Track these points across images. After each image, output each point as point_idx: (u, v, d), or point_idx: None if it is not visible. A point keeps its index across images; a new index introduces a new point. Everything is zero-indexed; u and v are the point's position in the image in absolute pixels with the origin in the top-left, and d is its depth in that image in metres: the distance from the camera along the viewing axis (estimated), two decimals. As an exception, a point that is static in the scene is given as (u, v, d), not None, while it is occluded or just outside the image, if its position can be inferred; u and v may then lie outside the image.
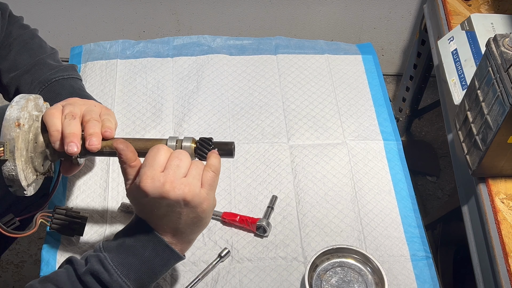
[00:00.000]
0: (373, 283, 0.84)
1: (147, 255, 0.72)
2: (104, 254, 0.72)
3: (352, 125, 1.07)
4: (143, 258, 0.72)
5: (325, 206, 0.96)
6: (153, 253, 0.72)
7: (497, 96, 0.84)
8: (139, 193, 0.71)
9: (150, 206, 0.71)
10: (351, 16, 1.91)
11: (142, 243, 0.72)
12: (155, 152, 0.72)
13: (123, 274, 0.71)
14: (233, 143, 0.79)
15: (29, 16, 1.86)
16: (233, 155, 0.79)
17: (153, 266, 0.73)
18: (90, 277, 0.70)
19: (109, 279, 0.70)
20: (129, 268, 0.71)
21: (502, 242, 0.90)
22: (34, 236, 1.72)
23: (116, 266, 0.71)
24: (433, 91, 2.06)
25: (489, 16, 1.18)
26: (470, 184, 1.02)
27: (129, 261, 0.72)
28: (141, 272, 0.72)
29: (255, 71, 1.16)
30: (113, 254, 0.72)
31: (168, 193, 0.69)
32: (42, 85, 0.94)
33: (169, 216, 0.71)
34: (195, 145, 0.78)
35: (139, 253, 0.72)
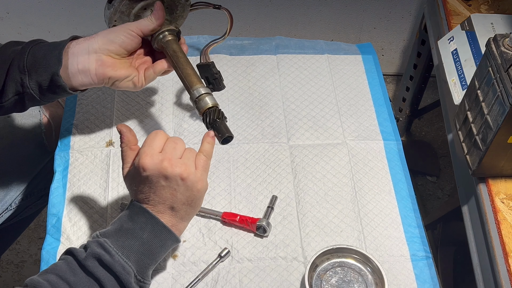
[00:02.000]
0: (373, 283, 0.84)
1: (145, 237, 0.75)
2: (103, 239, 0.74)
3: (352, 125, 1.07)
4: (142, 240, 0.75)
5: (325, 206, 0.96)
6: (151, 235, 0.75)
7: (497, 96, 0.84)
8: (138, 171, 0.75)
9: (148, 184, 0.75)
10: (351, 16, 1.91)
11: (140, 225, 0.75)
12: (154, 136, 0.78)
13: (124, 255, 0.73)
14: (230, 137, 0.83)
15: (29, 16, 1.86)
16: (222, 143, 0.84)
17: (151, 247, 0.75)
18: (91, 260, 0.72)
19: (111, 260, 0.72)
20: (129, 249, 0.74)
21: (502, 242, 0.90)
22: (34, 236, 1.72)
23: (116, 248, 0.73)
24: (433, 91, 2.06)
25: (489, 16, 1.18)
26: (470, 184, 1.02)
27: (128, 243, 0.74)
28: (141, 254, 0.74)
29: (255, 71, 1.16)
30: (112, 239, 0.74)
31: (166, 169, 0.74)
32: (30, 44, 0.87)
33: (166, 193, 0.75)
34: (207, 109, 0.84)
35: (138, 235, 0.75)
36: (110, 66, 0.87)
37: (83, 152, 1.01)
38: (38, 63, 0.84)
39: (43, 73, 0.85)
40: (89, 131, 1.04)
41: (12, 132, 1.09)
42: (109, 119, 1.06)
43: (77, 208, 0.94)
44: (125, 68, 0.89)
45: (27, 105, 0.89)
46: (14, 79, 0.85)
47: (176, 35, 0.93)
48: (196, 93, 0.86)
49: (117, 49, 0.87)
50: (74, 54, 0.85)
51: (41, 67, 0.84)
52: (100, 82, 0.88)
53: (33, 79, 0.85)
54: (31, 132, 1.10)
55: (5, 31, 1.90)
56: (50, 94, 0.87)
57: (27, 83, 0.85)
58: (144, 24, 0.89)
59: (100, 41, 0.86)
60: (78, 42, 0.86)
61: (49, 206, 0.94)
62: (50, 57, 0.84)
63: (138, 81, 0.91)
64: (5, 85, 0.86)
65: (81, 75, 0.86)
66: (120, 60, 0.89)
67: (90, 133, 1.04)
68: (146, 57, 0.94)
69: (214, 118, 0.83)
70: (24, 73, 0.84)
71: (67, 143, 1.02)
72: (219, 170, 1.00)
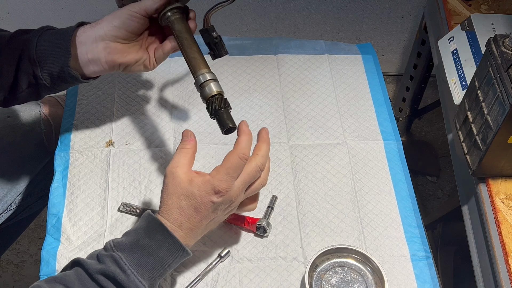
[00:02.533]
0: (373, 283, 0.84)
1: (161, 255, 0.73)
2: (118, 253, 0.72)
3: (352, 125, 1.07)
4: (157, 258, 0.73)
5: (325, 206, 0.96)
6: (167, 253, 0.74)
7: (497, 96, 0.84)
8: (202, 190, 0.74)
9: (194, 207, 0.74)
10: (351, 16, 1.91)
11: (157, 243, 0.73)
12: (255, 173, 0.77)
13: (138, 273, 0.71)
14: (233, 128, 0.80)
15: (29, 16, 1.86)
16: (224, 133, 0.81)
17: (165, 264, 0.74)
18: (103, 277, 0.70)
19: (126, 280, 0.70)
20: (144, 267, 0.72)
21: (502, 242, 0.90)
22: (34, 236, 1.72)
23: (131, 266, 0.71)
24: (433, 91, 2.06)
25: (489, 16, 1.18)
26: (470, 184, 1.02)
27: (144, 261, 0.72)
28: (155, 271, 0.73)
29: (255, 71, 1.16)
30: (127, 254, 0.72)
31: (232, 204, 0.76)
32: (37, 32, 0.86)
33: (197, 219, 0.75)
34: (211, 96, 0.81)
35: (154, 253, 0.73)
36: (119, 52, 0.85)
37: (83, 152, 1.01)
38: (48, 54, 0.83)
39: (54, 64, 0.84)
40: (89, 131, 1.04)
41: (12, 132, 1.09)
42: (109, 119, 1.06)
43: (77, 208, 0.94)
44: (135, 52, 0.87)
45: (42, 94, 0.89)
46: (26, 71, 0.84)
47: (183, 12, 0.88)
48: (201, 79, 0.81)
49: (123, 34, 0.85)
50: (82, 43, 0.84)
51: (51, 58, 0.83)
52: (111, 69, 0.86)
53: (45, 70, 0.84)
54: (31, 132, 1.10)
55: (5, 31, 1.90)
56: (63, 84, 0.87)
57: (39, 75, 0.84)
58: (147, 4, 0.85)
59: (106, 28, 0.84)
60: (84, 30, 0.85)
61: (49, 206, 0.94)
62: (59, 48, 0.83)
63: (149, 63, 0.89)
64: (17, 78, 0.85)
65: (92, 64, 0.85)
66: (129, 44, 0.86)
67: (90, 133, 1.04)
68: (154, 37, 0.91)
69: (218, 106, 0.79)
70: (36, 65, 0.84)
71: (67, 143, 1.02)
72: (219, 170, 0.99)
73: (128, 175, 0.98)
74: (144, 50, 0.89)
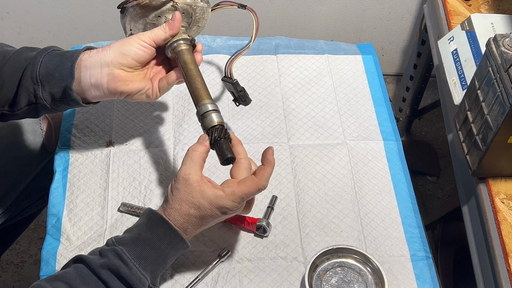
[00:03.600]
0: (373, 283, 0.84)
1: (163, 248, 0.75)
2: (120, 247, 0.73)
3: (352, 125, 1.07)
4: (159, 251, 0.75)
5: (325, 206, 0.96)
6: (168, 246, 0.76)
7: (497, 96, 0.84)
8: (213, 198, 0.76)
9: (208, 218, 0.77)
10: (351, 16, 1.91)
11: (159, 236, 0.75)
12: (257, 193, 0.79)
13: (141, 266, 0.73)
14: (232, 159, 0.81)
15: (29, 16, 1.86)
16: (223, 164, 0.82)
17: (166, 257, 0.76)
18: (107, 271, 0.72)
19: (128, 273, 0.72)
20: (146, 260, 0.74)
21: (502, 242, 0.90)
22: (34, 236, 1.72)
23: (134, 259, 0.73)
24: (433, 91, 2.06)
25: (489, 16, 1.18)
26: (470, 184, 1.02)
27: (146, 254, 0.74)
28: (156, 264, 0.75)
29: (255, 71, 1.16)
30: (128, 248, 0.73)
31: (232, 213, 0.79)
32: (43, 52, 0.85)
33: (207, 222, 0.79)
34: (211, 127, 0.82)
35: (156, 246, 0.75)
36: (122, 80, 0.84)
37: (83, 152, 1.01)
38: (51, 74, 0.83)
39: (56, 85, 0.84)
40: (89, 131, 1.04)
41: (12, 132, 1.09)
42: (109, 119, 1.06)
43: (77, 208, 0.94)
44: (138, 81, 0.86)
45: (40, 113, 0.88)
46: (26, 89, 0.84)
47: (191, 44, 0.89)
48: (203, 109, 0.82)
49: (129, 62, 0.84)
50: (87, 67, 0.83)
51: (54, 79, 0.83)
52: (112, 96, 0.86)
53: (46, 90, 0.84)
54: (31, 132, 1.10)
55: (5, 31, 1.90)
56: (63, 105, 0.86)
57: (40, 94, 0.84)
58: (156, 34, 0.85)
59: (112, 54, 0.83)
60: (90, 55, 0.84)
61: (49, 206, 0.94)
62: (63, 69, 0.83)
63: (152, 94, 0.88)
64: (17, 95, 0.85)
65: (94, 89, 0.84)
66: (133, 73, 0.86)
67: (90, 133, 1.04)
68: (160, 67, 0.91)
69: (218, 136, 0.80)
70: (37, 84, 0.83)
71: (67, 143, 1.02)
72: (219, 170, 0.99)
73: (128, 175, 0.98)
74: (148, 80, 0.88)
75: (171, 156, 1.01)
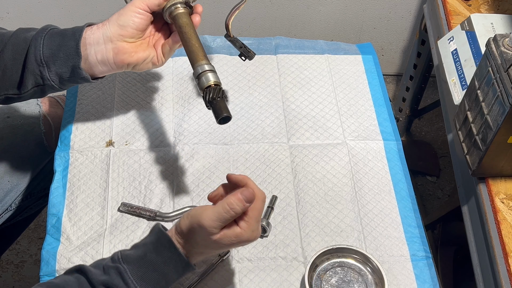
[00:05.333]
0: (373, 283, 0.84)
1: (166, 271, 0.73)
2: (123, 266, 0.72)
3: (352, 125, 1.07)
4: (162, 274, 0.73)
5: (325, 206, 0.96)
6: (173, 270, 0.74)
7: (497, 96, 0.84)
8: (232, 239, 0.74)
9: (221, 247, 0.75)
10: (351, 16, 1.91)
11: (164, 259, 0.73)
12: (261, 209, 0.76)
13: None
14: (228, 118, 0.80)
15: (29, 16, 1.86)
16: (219, 123, 0.80)
17: (169, 280, 0.74)
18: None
19: None
20: (148, 282, 0.72)
21: (502, 242, 0.90)
22: (34, 236, 1.72)
23: (136, 280, 0.71)
24: (433, 91, 2.06)
25: (489, 16, 1.18)
26: (470, 184, 1.02)
27: (149, 276, 0.72)
28: (159, 286, 0.73)
29: (255, 71, 1.16)
30: (132, 267, 0.72)
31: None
32: (41, 33, 0.85)
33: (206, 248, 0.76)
34: (207, 86, 0.80)
35: (160, 269, 0.73)
36: (127, 52, 0.86)
37: (83, 152, 1.01)
38: (55, 55, 0.84)
39: (63, 65, 0.85)
40: (89, 131, 1.04)
41: (12, 132, 1.09)
42: (109, 119, 1.06)
43: (77, 208, 0.94)
44: (143, 51, 0.88)
45: (46, 93, 0.90)
46: (32, 71, 0.85)
47: (186, 6, 0.88)
48: (199, 69, 0.82)
49: (130, 32, 0.86)
50: (91, 45, 0.85)
51: (59, 59, 0.84)
52: (120, 69, 0.88)
53: (53, 71, 0.85)
54: (31, 132, 1.10)
55: (5, 31, 1.90)
56: (70, 84, 0.88)
57: (47, 76, 0.85)
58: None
59: (112, 28, 0.85)
60: (92, 32, 0.86)
61: (49, 206, 0.94)
62: (68, 49, 0.84)
63: (157, 60, 0.90)
64: (23, 78, 0.86)
65: (101, 64, 0.86)
66: (136, 42, 0.88)
67: (90, 133, 1.04)
68: (161, 33, 0.92)
69: (213, 96, 0.79)
70: (43, 66, 0.84)
71: (67, 143, 1.02)
72: (219, 170, 1.00)
73: (128, 175, 0.98)
74: (151, 47, 0.90)
75: (170, 156, 1.01)
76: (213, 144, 1.03)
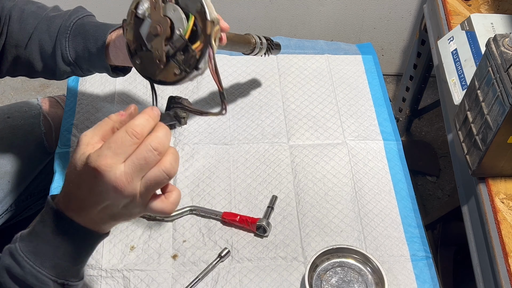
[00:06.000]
0: (373, 283, 0.84)
1: (59, 240, 0.64)
2: (17, 244, 0.65)
3: (352, 125, 1.07)
4: (55, 243, 0.64)
5: (325, 206, 0.96)
6: (65, 237, 0.64)
7: (497, 96, 0.84)
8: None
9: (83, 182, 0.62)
10: (351, 16, 1.91)
11: (51, 228, 0.64)
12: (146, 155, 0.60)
13: (37, 263, 0.64)
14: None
15: (29, 16, 1.86)
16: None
17: (68, 249, 0.65)
18: (3, 272, 0.65)
19: (21, 273, 0.64)
20: (42, 255, 0.64)
21: (502, 242, 0.90)
22: (34, 236, 1.72)
23: (27, 256, 0.64)
24: (433, 91, 2.06)
25: (489, 16, 1.18)
26: (470, 184, 1.02)
27: (40, 249, 0.64)
28: (57, 258, 0.64)
29: (255, 71, 1.16)
30: (25, 243, 0.65)
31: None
32: (65, 34, 0.88)
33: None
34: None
35: (49, 239, 0.64)
36: None
37: (83, 152, 1.01)
38: (81, 57, 0.88)
39: (93, 67, 0.90)
40: (89, 131, 1.04)
41: (12, 133, 1.09)
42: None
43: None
44: None
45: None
46: (63, 67, 0.90)
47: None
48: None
49: None
50: (117, 48, 0.86)
51: (87, 61, 0.89)
52: None
53: (84, 69, 0.91)
54: (31, 133, 1.10)
55: (5, 31, 1.90)
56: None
57: (80, 73, 0.92)
58: None
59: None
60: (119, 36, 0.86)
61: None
62: (95, 61, 0.88)
63: None
64: (56, 71, 0.91)
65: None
66: None
67: (90, 133, 1.03)
68: None
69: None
70: (73, 64, 0.89)
71: (67, 143, 1.02)
72: (219, 170, 1.00)
73: (128, 175, 0.98)
74: None
75: (171, 156, 1.01)
76: (213, 144, 1.03)
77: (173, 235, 0.91)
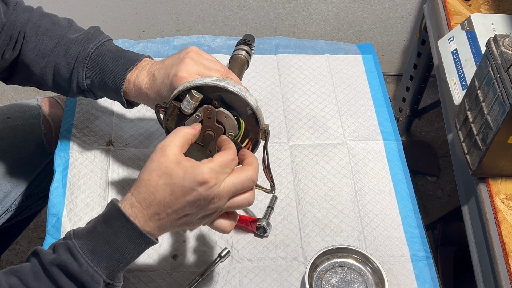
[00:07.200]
0: (373, 283, 0.84)
1: (119, 242, 0.68)
2: (73, 241, 0.67)
3: (352, 125, 1.07)
4: (115, 245, 0.68)
5: (325, 206, 0.96)
6: (125, 240, 0.68)
7: (497, 96, 0.84)
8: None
9: (179, 193, 0.67)
10: (351, 16, 1.91)
11: (114, 229, 0.68)
12: (247, 184, 0.71)
13: (94, 262, 0.67)
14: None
15: (29, 16, 1.86)
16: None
17: (124, 252, 0.68)
18: (55, 268, 0.66)
19: (78, 270, 0.66)
20: (100, 255, 0.67)
21: (502, 242, 0.90)
22: (34, 236, 1.72)
23: (86, 254, 0.66)
24: (433, 91, 2.06)
25: (489, 16, 1.18)
26: (470, 184, 1.02)
27: (100, 249, 0.67)
28: (113, 259, 0.68)
29: (255, 71, 1.16)
30: (83, 241, 0.67)
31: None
32: (83, 63, 0.87)
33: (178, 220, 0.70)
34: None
35: (111, 240, 0.68)
36: None
37: (83, 152, 1.01)
38: (97, 88, 0.89)
39: (109, 95, 0.90)
40: (89, 131, 1.04)
41: (12, 133, 1.09)
42: (109, 119, 1.06)
43: (77, 208, 0.94)
44: None
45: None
46: (80, 89, 0.90)
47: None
48: None
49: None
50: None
51: (104, 91, 0.89)
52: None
53: (98, 96, 0.91)
54: (31, 133, 1.10)
55: (5, 31, 1.90)
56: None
57: (93, 97, 0.92)
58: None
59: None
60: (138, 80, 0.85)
61: (49, 206, 0.94)
62: (111, 94, 0.88)
63: None
64: (71, 90, 0.91)
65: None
66: None
67: (90, 133, 1.04)
68: None
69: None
70: (88, 91, 0.90)
71: (67, 143, 1.02)
72: (219, 170, 0.99)
73: (128, 175, 0.98)
74: None
75: (171, 156, 1.01)
76: (213, 144, 1.03)
77: (173, 235, 0.91)
